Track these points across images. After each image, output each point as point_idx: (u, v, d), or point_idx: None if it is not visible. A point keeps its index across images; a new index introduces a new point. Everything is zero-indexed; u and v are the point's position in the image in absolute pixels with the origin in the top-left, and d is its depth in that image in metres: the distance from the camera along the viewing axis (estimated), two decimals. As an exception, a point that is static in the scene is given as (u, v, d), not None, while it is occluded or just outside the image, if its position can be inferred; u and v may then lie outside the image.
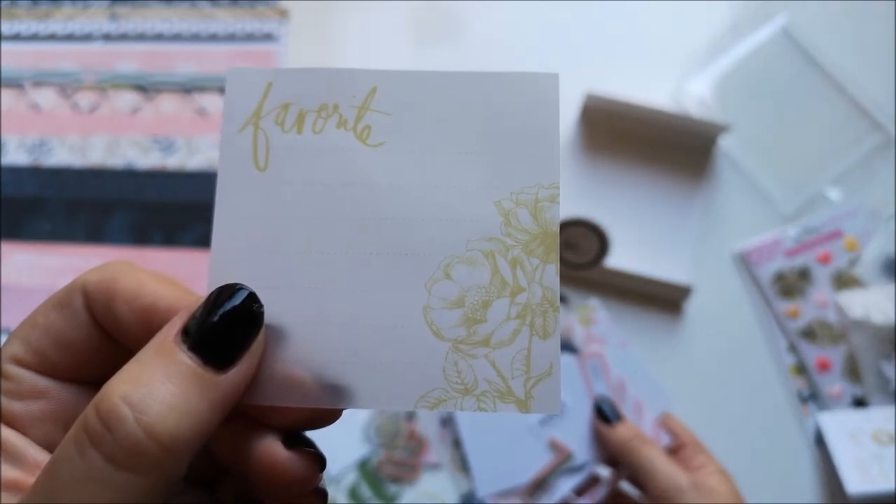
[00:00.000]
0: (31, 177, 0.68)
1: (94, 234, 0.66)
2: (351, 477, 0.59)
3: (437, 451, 0.41)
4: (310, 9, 0.73)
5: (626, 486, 0.46)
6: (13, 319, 0.63)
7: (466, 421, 0.44)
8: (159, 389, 0.17)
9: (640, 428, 0.44)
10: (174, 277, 0.21)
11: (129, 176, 0.68)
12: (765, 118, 0.67)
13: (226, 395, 0.18)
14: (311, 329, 0.20)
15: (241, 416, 0.20)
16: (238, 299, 0.19)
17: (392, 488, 0.58)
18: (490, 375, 0.21)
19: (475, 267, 0.21)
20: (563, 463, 0.43)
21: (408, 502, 0.58)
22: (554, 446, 0.44)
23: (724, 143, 0.66)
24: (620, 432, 0.44)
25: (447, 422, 0.45)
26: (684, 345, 0.62)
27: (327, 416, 0.21)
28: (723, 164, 0.66)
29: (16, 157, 0.69)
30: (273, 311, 0.20)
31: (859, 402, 0.59)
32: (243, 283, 0.19)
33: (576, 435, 0.44)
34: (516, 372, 0.21)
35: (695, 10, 0.71)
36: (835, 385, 0.60)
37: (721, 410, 0.60)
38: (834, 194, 0.65)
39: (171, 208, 0.67)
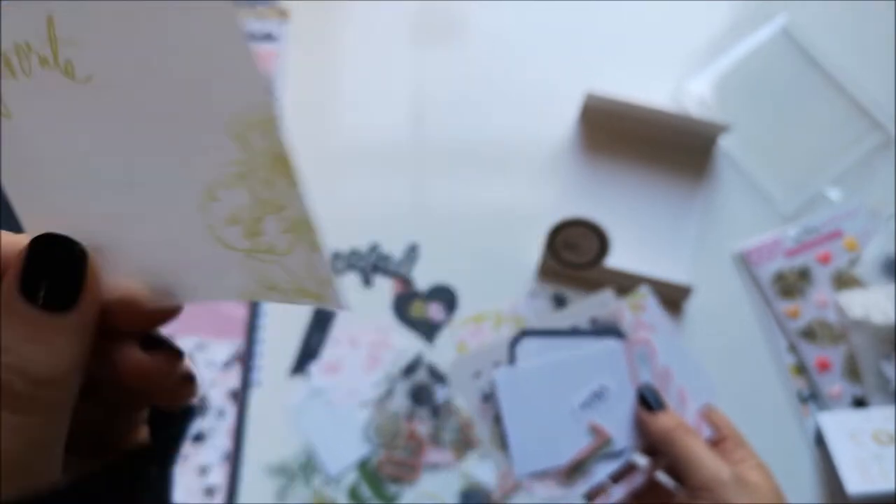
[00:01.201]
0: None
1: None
2: (351, 477, 0.59)
3: (478, 428, 0.41)
4: (310, 9, 0.74)
5: (663, 477, 0.46)
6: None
7: (507, 399, 0.43)
8: (20, 343, 0.18)
9: (683, 418, 0.44)
10: None
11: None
12: (765, 118, 0.67)
13: (81, 329, 0.19)
14: (126, 246, 0.22)
15: (98, 333, 0.21)
16: (58, 251, 0.20)
17: (392, 488, 0.59)
18: (285, 279, 0.22)
19: (233, 189, 0.21)
20: (602, 447, 0.43)
21: (408, 502, 0.58)
22: (594, 430, 0.43)
23: (724, 143, 0.67)
24: (663, 421, 0.43)
25: (489, 398, 0.45)
26: (685, 344, 0.62)
27: (170, 313, 0.22)
28: (723, 164, 0.67)
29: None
30: (90, 237, 0.21)
31: (859, 402, 0.60)
32: (57, 225, 0.20)
33: (617, 420, 0.44)
34: (305, 276, 0.22)
35: (695, 11, 0.72)
36: (835, 385, 0.60)
37: (721, 409, 0.61)
38: (834, 194, 0.65)
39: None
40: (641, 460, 0.45)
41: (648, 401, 0.44)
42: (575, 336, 0.44)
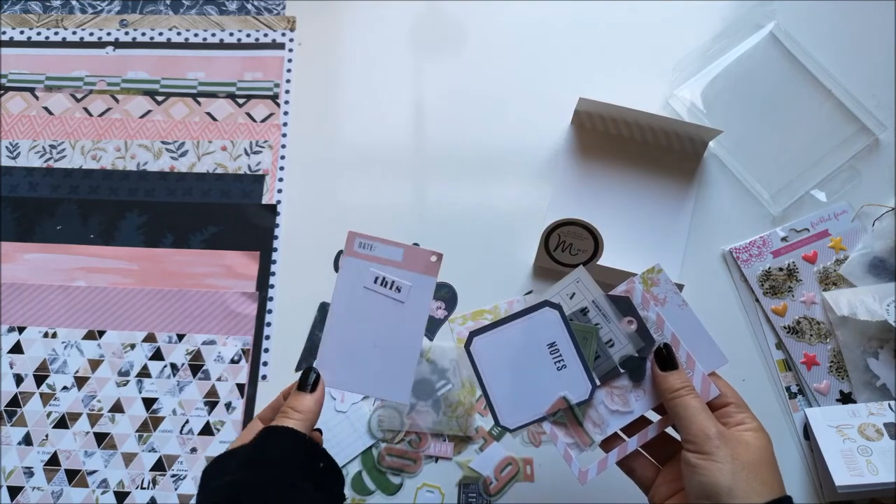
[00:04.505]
0: (43, 179, 0.70)
1: (106, 234, 0.68)
2: (354, 469, 0.60)
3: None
4: (316, 17, 0.75)
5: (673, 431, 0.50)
6: (27, 316, 0.65)
7: (483, 364, 0.50)
8: (297, 401, 0.46)
9: (691, 378, 0.47)
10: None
11: (140, 178, 0.70)
12: (754, 122, 0.68)
13: (317, 398, 0.47)
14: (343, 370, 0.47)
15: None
16: (312, 374, 0.47)
17: (394, 479, 0.60)
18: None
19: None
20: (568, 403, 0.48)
21: (408, 493, 0.60)
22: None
23: (714, 146, 0.68)
24: (672, 380, 0.46)
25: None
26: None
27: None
28: (713, 167, 0.68)
29: (29, 159, 0.70)
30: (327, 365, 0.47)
31: (846, 397, 0.61)
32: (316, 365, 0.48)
33: (573, 369, 0.49)
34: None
35: (685, 18, 0.73)
36: (822, 380, 0.61)
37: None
38: (821, 196, 0.67)
39: (181, 210, 0.68)
40: (655, 416, 0.49)
41: (663, 359, 0.47)
42: (514, 319, 0.49)
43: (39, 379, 0.63)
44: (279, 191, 0.69)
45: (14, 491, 0.61)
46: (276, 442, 0.44)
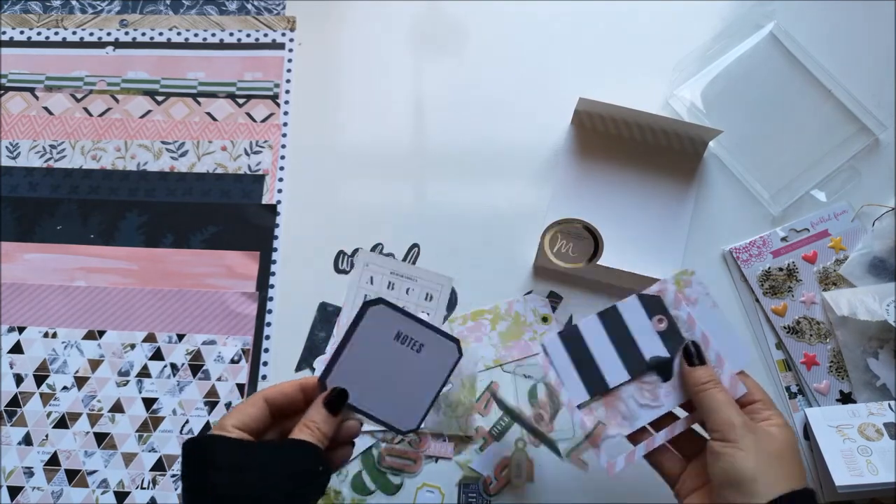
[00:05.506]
0: (43, 179, 0.70)
1: (106, 234, 0.68)
2: (354, 468, 0.60)
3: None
4: (316, 17, 0.75)
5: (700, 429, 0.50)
6: (27, 316, 0.65)
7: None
8: (318, 418, 0.45)
9: (720, 376, 0.48)
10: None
11: (140, 178, 0.70)
12: (754, 122, 0.68)
13: (336, 419, 0.46)
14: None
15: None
16: (342, 396, 0.47)
17: (394, 479, 0.60)
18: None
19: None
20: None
21: (408, 493, 0.60)
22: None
23: (714, 146, 0.68)
24: (699, 374, 0.47)
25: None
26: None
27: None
28: (712, 167, 0.68)
29: (29, 159, 0.70)
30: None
31: (846, 397, 0.61)
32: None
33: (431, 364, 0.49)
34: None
35: (685, 18, 0.73)
36: (822, 381, 0.61)
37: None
38: (821, 196, 0.67)
39: (181, 210, 0.69)
40: (683, 412, 0.50)
41: (690, 354, 0.48)
42: (348, 339, 0.47)
43: (39, 379, 0.64)
44: (279, 191, 0.69)
45: (14, 491, 0.61)
46: (299, 458, 0.43)
